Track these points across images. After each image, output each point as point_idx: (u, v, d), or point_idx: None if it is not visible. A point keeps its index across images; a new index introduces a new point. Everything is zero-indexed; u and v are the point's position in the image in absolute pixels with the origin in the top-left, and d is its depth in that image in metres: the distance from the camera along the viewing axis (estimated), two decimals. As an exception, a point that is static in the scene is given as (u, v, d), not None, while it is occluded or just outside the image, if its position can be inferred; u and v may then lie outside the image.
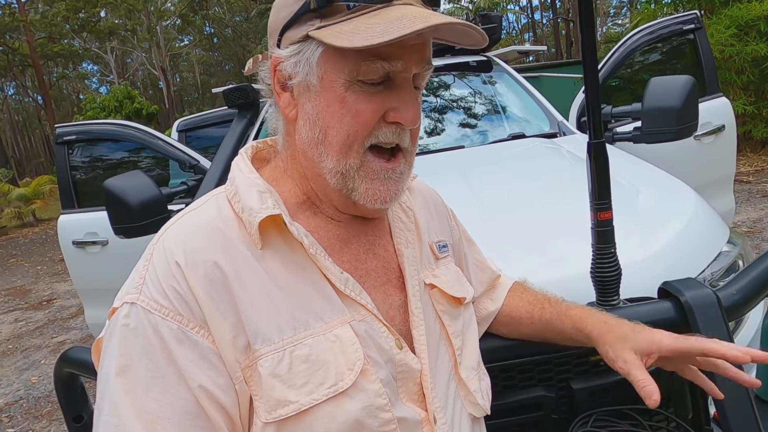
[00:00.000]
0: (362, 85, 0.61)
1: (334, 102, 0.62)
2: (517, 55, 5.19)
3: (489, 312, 0.92)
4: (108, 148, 3.01)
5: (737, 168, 6.51)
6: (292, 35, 0.63)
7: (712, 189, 2.63)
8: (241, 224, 0.63)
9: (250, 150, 0.73)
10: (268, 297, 0.61)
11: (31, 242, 11.01)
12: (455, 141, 2.33)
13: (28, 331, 5.04)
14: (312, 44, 0.62)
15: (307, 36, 0.62)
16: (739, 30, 6.31)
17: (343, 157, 0.64)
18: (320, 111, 0.63)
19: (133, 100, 19.57)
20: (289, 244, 0.64)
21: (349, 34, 0.58)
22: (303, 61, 0.63)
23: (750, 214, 4.87)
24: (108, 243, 2.67)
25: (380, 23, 0.57)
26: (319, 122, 0.63)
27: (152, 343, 0.58)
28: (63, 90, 41.14)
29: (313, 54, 0.62)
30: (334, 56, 0.61)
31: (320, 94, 0.63)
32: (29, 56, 23.81)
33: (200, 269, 0.59)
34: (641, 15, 7.37)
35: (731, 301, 0.89)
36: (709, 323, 0.84)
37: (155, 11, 29.77)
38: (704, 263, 1.19)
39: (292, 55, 0.63)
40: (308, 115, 0.64)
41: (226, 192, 0.67)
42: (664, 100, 1.86)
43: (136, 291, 0.60)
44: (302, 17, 0.62)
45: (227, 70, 37.87)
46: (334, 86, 0.62)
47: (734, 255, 1.25)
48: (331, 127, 0.63)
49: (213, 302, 0.59)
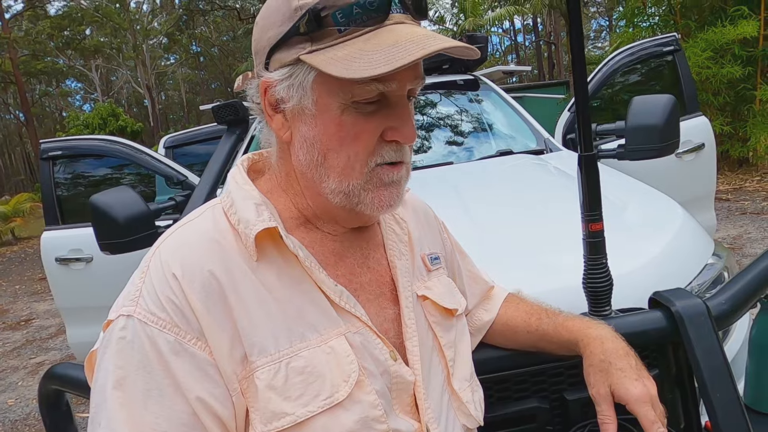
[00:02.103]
0: (358, 106, 0.61)
1: (331, 125, 0.61)
2: (502, 75, 5.29)
3: (483, 322, 0.92)
4: (92, 164, 2.98)
5: (716, 186, 6.71)
6: (282, 57, 0.62)
7: (694, 206, 2.68)
8: (237, 236, 0.63)
9: (246, 162, 0.73)
10: (265, 309, 0.61)
11: (9, 261, 10.75)
12: (444, 157, 2.37)
13: (5, 352, 4.89)
14: (304, 67, 0.61)
15: (298, 59, 0.60)
16: (714, 53, 6.52)
17: (346, 178, 0.63)
18: (317, 134, 0.62)
19: (117, 118, 19.47)
20: (284, 257, 0.64)
21: (345, 62, 0.57)
22: (296, 85, 0.61)
23: (729, 231, 4.97)
24: (92, 260, 2.62)
25: (376, 50, 0.56)
26: (317, 145, 0.63)
27: (149, 355, 0.57)
28: (46, 107, 40.72)
29: (306, 78, 0.61)
30: (327, 80, 0.60)
31: (316, 118, 0.62)
32: (12, 73, 23.57)
33: (197, 281, 0.59)
34: (621, 38, 7.58)
35: (720, 310, 0.91)
36: (699, 332, 0.85)
37: (141, 30, 29.82)
38: (692, 274, 1.21)
39: (283, 79, 0.62)
40: (305, 138, 0.63)
41: (222, 204, 0.67)
42: (647, 118, 1.91)
43: (133, 303, 0.60)
44: (291, 40, 0.60)
45: (213, 89, 37.93)
46: (330, 109, 0.61)
47: (720, 267, 1.28)
48: (330, 150, 0.62)
49: (210, 314, 0.59)
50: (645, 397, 0.71)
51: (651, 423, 0.70)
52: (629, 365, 0.75)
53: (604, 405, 0.74)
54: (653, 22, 7.91)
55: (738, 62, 6.49)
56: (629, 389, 0.72)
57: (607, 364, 0.75)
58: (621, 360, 0.75)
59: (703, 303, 0.88)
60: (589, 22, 32.92)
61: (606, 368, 0.75)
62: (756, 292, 0.96)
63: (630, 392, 0.72)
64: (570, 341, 0.82)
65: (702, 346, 0.84)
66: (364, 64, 0.56)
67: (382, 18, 0.59)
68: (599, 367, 0.75)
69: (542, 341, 0.87)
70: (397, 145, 0.64)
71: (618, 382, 0.73)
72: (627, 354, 0.77)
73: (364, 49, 0.57)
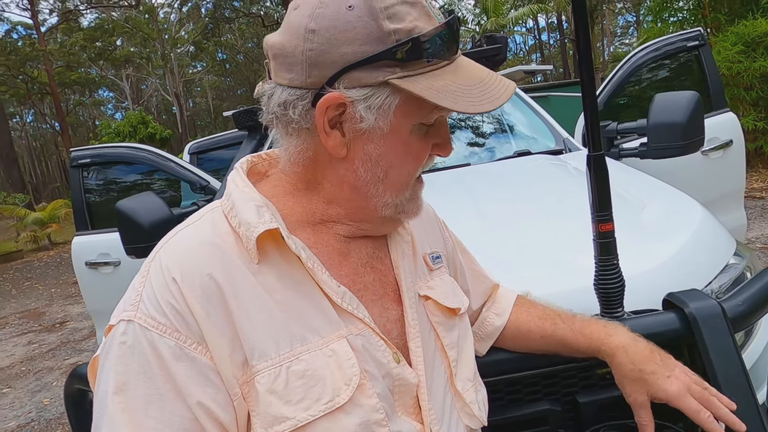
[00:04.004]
0: (421, 128, 0.65)
1: (399, 145, 0.64)
2: (524, 75, 5.25)
3: (495, 327, 0.92)
4: (121, 170, 3.08)
5: (750, 184, 6.49)
6: (363, 77, 0.60)
7: (722, 204, 2.61)
8: (237, 239, 0.63)
9: (245, 164, 0.73)
10: (265, 312, 0.61)
11: (45, 265, 11.15)
12: (461, 158, 2.36)
13: (41, 354, 5.07)
14: (387, 90, 0.60)
15: (386, 82, 0.60)
16: (746, 47, 6.31)
17: (401, 192, 0.68)
18: (384, 152, 0.64)
19: (147, 125, 19.97)
20: (286, 259, 0.64)
21: (447, 93, 0.60)
22: (376, 106, 0.61)
23: (764, 230, 4.80)
24: (120, 264, 2.71)
25: (469, 86, 0.61)
26: (381, 163, 0.65)
27: (150, 360, 0.57)
28: (79, 116, 42.07)
29: (392, 101, 0.61)
30: (410, 105, 0.62)
31: (386, 137, 0.63)
32: (48, 84, 24.46)
33: (197, 285, 0.59)
34: (648, 34, 7.40)
35: (736, 311, 0.88)
36: (714, 334, 0.83)
37: (170, 39, 30.55)
38: (711, 275, 1.18)
39: (363, 98, 0.61)
40: (369, 155, 0.64)
41: (222, 207, 0.67)
42: (669, 116, 1.87)
43: (133, 308, 0.60)
44: (380, 62, 0.59)
45: (239, 95, 38.55)
46: (401, 130, 0.63)
47: (741, 267, 1.24)
48: (393, 167, 0.65)
49: (210, 318, 0.59)
50: (683, 391, 0.76)
51: (696, 412, 0.75)
52: (658, 365, 0.79)
53: (642, 411, 0.80)
54: (681, 17, 7.71)
55: (771, 56, 6.27)
56: (667, 390, 0.77)
57: (638, 372, 0.79)
58: (649, 363, 0.79)
59: (718, 304, 0.86)
60: (616, 18, 32.27)
61: (639, 376, 0.79)
62: (776, 293, 0.93)
63: (668, 392, 0.77)
64: (590, 348, 0.84)
65: (716, 348, 0.82)
66: (467, 100, 0.61)
67: (454, 50, 0.63)
68: (631, 377, 0.79)
69: (557, 346, 0.87)
70: (433, 158, 0.70)
71: (654, 386, 0.78)
72: (652, 353, 0.80)
73: (456, 82, 0.61)
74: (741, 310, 0.89)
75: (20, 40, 26.07)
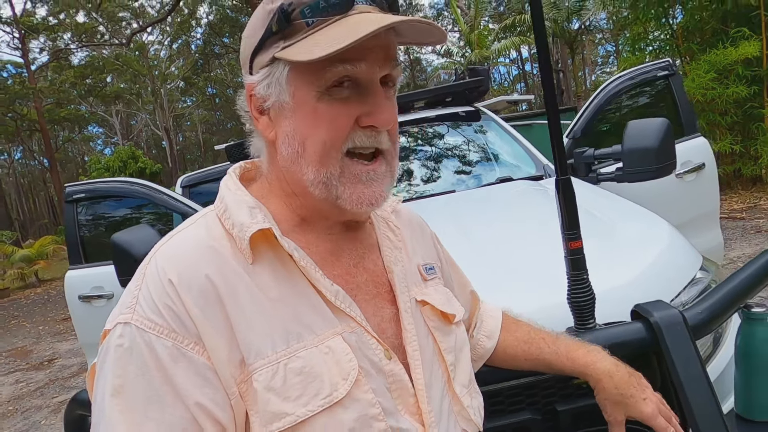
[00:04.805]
0: (332, 92, 0.63)
1: (308, 114, 0.64)
2: (507, 105, 5.41)
3: (486, 350, 0.95)
4: (113, 205, 3.13)
5: (730, 205, 6.66)
6: (261, 60, 0.66)
7: (698, 224, 2.71)
8: (231, 241, 0.64)
9: (238, 170, 0.75)
10: (261, 311, 0.62)
11: (33, 303, 10.99)
12: (446, 186, 2.45)
13: (29, 392, 4.99)
14: (279, 65, 0.64)
15: (273, 58, 0.64)
16: (718, 74, 6.58)
17: (323, 167, 0.65)
18: (296, 126, 0.65)
19: (137, 160, 20.01)
20: (279, 258, 0.65)
21: (310, 47, 0.60)
22: (273, 82, 0.65)
23: (745, 249, 4.92)
24: (113, 296, 2.73)
25: (339, 33, 0.60)
26: (297, 136, 0.65)
27: (147, 362, 0.57)
28: (68, 152, 42.08)
29: (282, 74, 0.64)
30: (301, 72, 0.63)
31: (295, 111, 0.65)
32: (37, 121, 24.53)
33: (194, 286, 0.60)
34: (626, 63, 7.68)
35: (697, 319, 0.96)
36: (676, 341, 0.90)
37: (160, 75, 30.94)
38: (678, 288, 1.26)
39: (263, 79, 0.66)
40: (286, 132, 0.66)
41: (215, 210, 0.68)
42: (642, 142, 1.98)
43: (130, 311, 0.60)
44: (267, 42, 0.65)
45: (229, 128, 38.86)
46: (307, 99, 0.64)
47: (707, 281, 1.32)
48: (308, 138, 0.65)
49: (207, 319, 0.59)
50: (655, 412, 0.85)
51: (664, 429, 0.84)
52: (635, 388, 0.86)
53: (618, 429, 0.88)
54: (657, 46, 8.03)
55: (743, 82, 6.54)
56: (642, 411, 0.85)
57: (620, 396, 0.86)
58: (629, 387, 0.86)
59: (679, 313, 0.93)
60: (596, 48, 33.29)
61: (620, 400, 0.86)
62: (734, 302, 1.00)
63: (644, 413, 0.85)
64: (574, 371, 0.90)
65: (679, 354, 0.89)
66: (325, 45, 0.59)
67: (346, 9, 0.63)
68: (613, 400, 0.87)
69: (543, 367, 0.93)
70: (372, 131, 0.66)
71: (632, 409, 0.86)
72: (630, 376, 0.87)
73: (328, 35, 0.61)
74: (701, 318, 0.96)
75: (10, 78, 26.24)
